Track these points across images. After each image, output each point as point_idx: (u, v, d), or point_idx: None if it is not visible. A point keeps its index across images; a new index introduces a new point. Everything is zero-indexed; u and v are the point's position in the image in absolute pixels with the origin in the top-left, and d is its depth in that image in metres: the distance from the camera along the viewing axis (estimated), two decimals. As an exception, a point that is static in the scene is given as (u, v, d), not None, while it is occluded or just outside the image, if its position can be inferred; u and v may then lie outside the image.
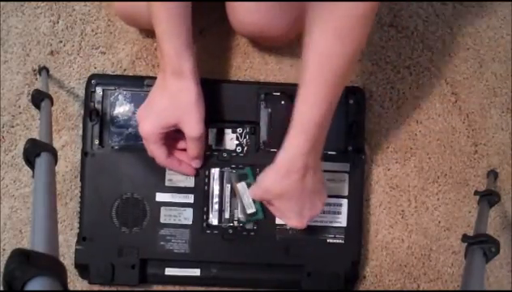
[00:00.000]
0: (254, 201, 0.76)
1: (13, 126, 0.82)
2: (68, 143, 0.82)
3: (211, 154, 0.78)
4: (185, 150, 0.74)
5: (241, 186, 0.76)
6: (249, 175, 0.76)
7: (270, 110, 0.79)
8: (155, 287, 0.81)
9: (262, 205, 0.75)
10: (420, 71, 0.85)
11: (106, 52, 0.83)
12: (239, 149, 0.79)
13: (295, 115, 0.62)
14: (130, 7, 0.75)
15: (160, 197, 0.78)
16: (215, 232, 0.78)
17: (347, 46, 0.57)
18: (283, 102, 0.78)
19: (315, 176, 0.66)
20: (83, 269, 0.78)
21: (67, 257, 0.79)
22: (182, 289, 0.80)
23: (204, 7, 0.83)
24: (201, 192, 0.78)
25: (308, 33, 0.58)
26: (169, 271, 0.78)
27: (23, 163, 0.52)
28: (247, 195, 0.75)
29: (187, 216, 0.78)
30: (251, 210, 0.76)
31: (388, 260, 0.83)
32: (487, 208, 0.74)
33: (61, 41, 0.83)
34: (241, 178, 0.77)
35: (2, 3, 0.83)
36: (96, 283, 0.78)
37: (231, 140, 0.79)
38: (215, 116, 0.77)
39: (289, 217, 0.69)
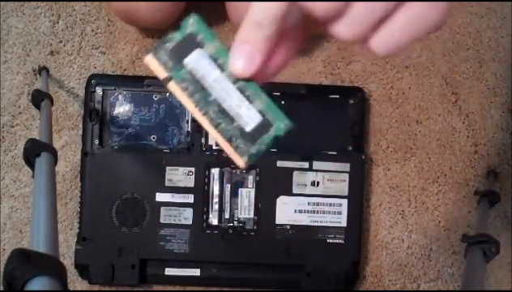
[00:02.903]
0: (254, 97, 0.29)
1: (13, 126, 0.82)
2: (68, 143, 0.82)
3: (211, 154, 0.78)
4: None
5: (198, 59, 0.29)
6: (201, 29, 0.29)
7: (270, 110, 0.79)
8: (155, 287, 0.81)
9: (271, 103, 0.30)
10: (420, 71, 0.85)
11: (106, 52, 0.83)
12: (239, 149, 0.78)
13: None
14: (128, 5, 0.75)
15: (160, 197, 0.78)
16: (215, 232, 0.78)
17: None
18: (283, 102, 0.78)
19: None
20: (83, 269, 0.78)
21: (67, 257, 0.79)
22: (182, 289, 0.80)
23: (204, 7, 0.83)
24: (201, 192, 0.78)
25: None
26: (169, 271, 0.78)
27: (23, 163, 0.52)
28: (221, 85, 0.29)
29: (187, 216, 0.78)
30: (255, 117, 0.29)
31: (388, 260, 0.83)
32: (487, 208, 0.74)
33: (61, 41, 0.83)
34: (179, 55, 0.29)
35: (2, 3, 0.82)
36: (96, 283, 0.78)
37: (231, 140, 0.79)
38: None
39: None
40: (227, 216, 0.78)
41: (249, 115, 0.28)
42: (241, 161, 0.28)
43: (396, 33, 0.28)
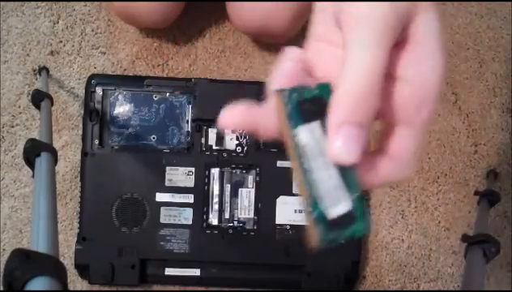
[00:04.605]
0: (350, 181, 0.27)
1: (13, 126, 0.82)
2: (68, 143, 0.82)
3: (211, 154, 0.78)
4: None
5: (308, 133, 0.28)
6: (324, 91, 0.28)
7: (270, 110, 0.79)
8: (155, 287, 0.81)
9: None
10: (420, 71, 0.84)
11: (106, 52, 0.83)
12: (239, 149, 0.79)
13: None
14: (129, 6, 0.75)
15: (160, 197, 0.78)
16: (215, 232, 0.78)
17: None
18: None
19: None
20: (83, 269, 0.78)
21: (67, 257, 0.79)
22: (182, 289, 0.80)
23: (204, 7, 0.83)
24: (201, 192, 0.78)
25: None
26: (169, 271, 0.78)
27: (23, 163, 0.52)
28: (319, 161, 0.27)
29: (187, 216, 0.78)
30: (344, 206, 0.27)
31: (388, 260, 0.83)
32: (487, 208, 0.74)
33: (61, 41, 0.83)
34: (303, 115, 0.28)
35: (2, 3, 0.82)
36: (96, 283, 0.78)
37: (231, 140, 0.79)
38: (215, 116, 0.77)
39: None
40: (227, 216, 0.78)
41: (340, 200, 0.27)
42: (313, 239, 0.28)
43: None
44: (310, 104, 0.28)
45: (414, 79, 0.27)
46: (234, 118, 0.29)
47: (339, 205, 0.27)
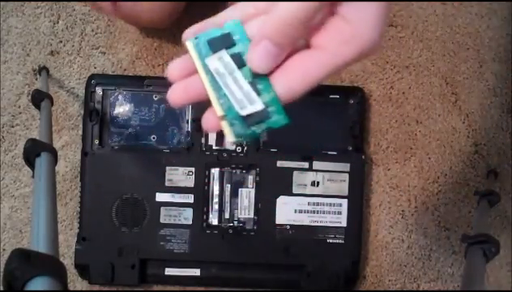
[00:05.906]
0: (256, 81, 0.31)
1: (13, 126, 0.82)
2: (68, 143, 0.82)
3: (211, 154, 0.78)
4: None
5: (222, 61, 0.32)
6: (238, 32, 0.33)
7: (270, 110, 0.79)
8: (155, 287, 0.81)
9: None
10: (420, 71, 0.85)
11: (106, 52, 0.83)
12: (239, 149, 0.79)
13: None
14: (128, 5, 0.75)
15: (160, 197, 0.78)
16: (215, 232, 0.78)
17: None
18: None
19: None
20: (83, 269, 0.78)
21: (67, 257, 0.79)
22: (182, 289, 0.80)
23: (204, 7, 0.83)
24: (201, 192, 0.78)
25: None
26: (169, 271, 0.78)
27: (23, 163, 0.52)
28: (235, 75, 0.32)
29: (187, 216, 0.78)
30: (255, 105, 0.31)
31: (388, 260, 0.83)
32: (487, 208, 0.74)
33: (61, 41, 0.83)
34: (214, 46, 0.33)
35: (2, 3, 0.82)
36: (96, 283, 0.78)
37: (231, 140, 0.79)
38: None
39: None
40: (227, 216, 0.78)
41: (252, 102, 0.31)
42: (230, 135, 0.32)
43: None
44: (218, 39, 0.34)
45: (354, 20, 0.29)
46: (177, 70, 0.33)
47: (251, 105, 0.31)
